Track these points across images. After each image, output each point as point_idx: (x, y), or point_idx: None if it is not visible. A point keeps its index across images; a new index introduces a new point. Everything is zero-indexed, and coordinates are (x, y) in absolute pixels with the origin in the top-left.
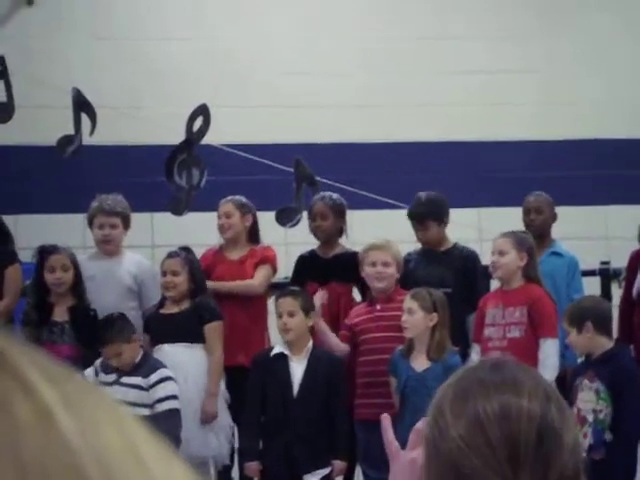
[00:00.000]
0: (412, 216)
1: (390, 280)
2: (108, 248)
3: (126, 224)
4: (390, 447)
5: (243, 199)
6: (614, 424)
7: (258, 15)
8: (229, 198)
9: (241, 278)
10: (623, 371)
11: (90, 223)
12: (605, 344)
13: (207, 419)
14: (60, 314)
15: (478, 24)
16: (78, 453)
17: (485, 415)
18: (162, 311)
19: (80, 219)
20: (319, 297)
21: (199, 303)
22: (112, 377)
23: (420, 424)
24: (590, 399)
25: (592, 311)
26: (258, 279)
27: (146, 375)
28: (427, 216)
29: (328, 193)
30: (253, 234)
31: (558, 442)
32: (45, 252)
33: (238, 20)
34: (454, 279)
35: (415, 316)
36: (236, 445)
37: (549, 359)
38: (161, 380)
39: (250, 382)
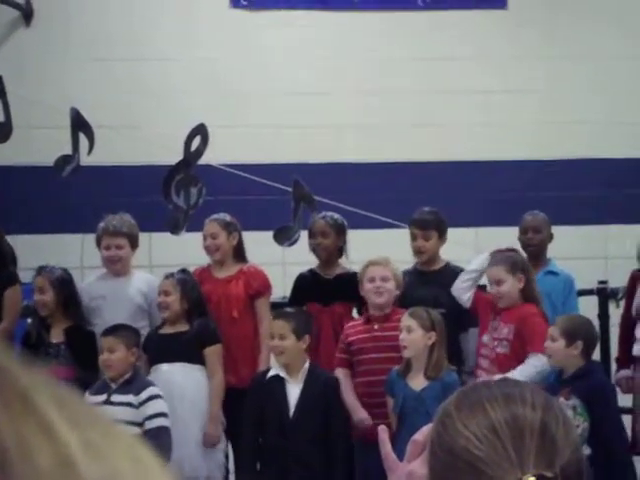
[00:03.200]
0: (416, 223)
1: (389, 295)
2: (115, 268)
3: (133, 243)
4: (388, 459)
5: (227, 217)
6: (593, 438)
7: (255, 35)
8: (214, 217)
9: (227, 297)
10: (598, 385)
11: (98, 244)
12: (580, 364)
13: (210, 442)
14: (56, 335)
15: (477, 44)
16: None
17: (490, 404)
18: (161, 331)
19: (78, 239)
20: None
21: (199, 325)
22: (102, 397)
23: (418, 435)
24: None
25: (587, 332)
26: (264, 319)
27: (137, 392)
28: (432, 225)
29: (330, 213)
30: (239, 252)
31: (562, 432)
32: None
33: (235, 40)
34: (448, 298)
35: (413, 334)
36: (230, 466)
37: (527, 367)
38: (151, 397)
39: (247, 404)
